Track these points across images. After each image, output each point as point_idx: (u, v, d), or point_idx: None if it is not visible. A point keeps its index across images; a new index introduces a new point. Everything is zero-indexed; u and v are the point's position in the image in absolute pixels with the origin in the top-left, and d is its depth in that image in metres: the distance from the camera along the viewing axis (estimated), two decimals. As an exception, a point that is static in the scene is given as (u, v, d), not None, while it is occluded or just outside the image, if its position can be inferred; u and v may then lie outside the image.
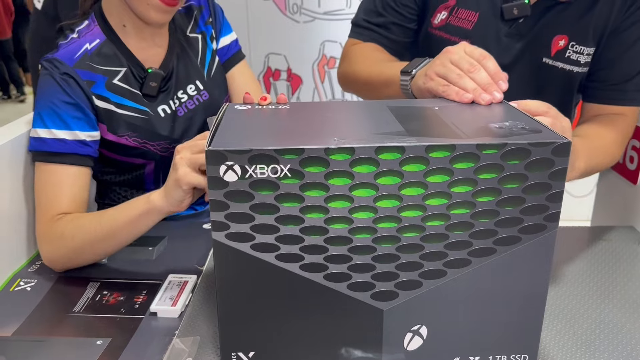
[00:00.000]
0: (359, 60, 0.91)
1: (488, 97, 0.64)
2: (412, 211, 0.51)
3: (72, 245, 0.75)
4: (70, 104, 0.80)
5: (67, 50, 0.82)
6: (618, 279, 0.75)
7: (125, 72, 0.85)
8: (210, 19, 0.96)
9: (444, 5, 0.90)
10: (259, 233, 0.51)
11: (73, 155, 0.79)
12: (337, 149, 0.49)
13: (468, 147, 0.49)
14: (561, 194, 0.52)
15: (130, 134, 0.85)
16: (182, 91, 0.90)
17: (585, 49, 0.87)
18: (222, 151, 0.49)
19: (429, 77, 0.69)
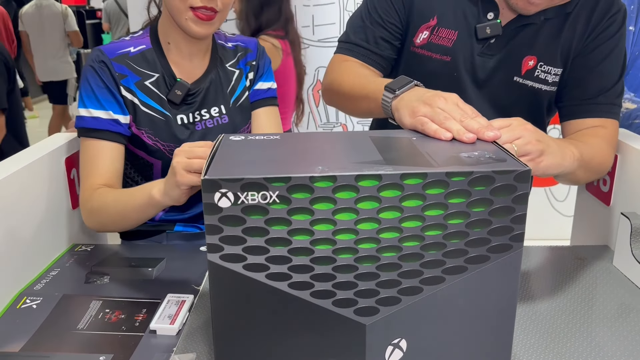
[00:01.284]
0: (343, 73, 0.96)
1: (472, 135, 0.65)
2: (390, 233, 0.56)
3: (100, 219, 0.90)
4: (103, 87, 0.92)
5: (113, 46, 0.95)
6: (591, 296, 0.79)
7: (158, 78, 0.96)
8: (254, 62, 1.06)
9: (425, 25, 0.96)
10: (250, 254, 0.56)
11: (107, 132, 0.92)
12: (320, 177, 0.54)
13: (438, 174, 0.55)
14: (524, 216, 0.57)
15: (147, 130, 0.95)
16: (206, 110, 1.00)
17: (553, 69, 0.93)
18: (217, 180, 0.54)
19: (414, 113, 0.71)
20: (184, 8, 0.90)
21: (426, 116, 0.69)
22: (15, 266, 0.83)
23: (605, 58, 0.91)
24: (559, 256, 0.91)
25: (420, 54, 0.97)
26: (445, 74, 0.95)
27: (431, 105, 0.70)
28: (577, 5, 0.92)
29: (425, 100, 0.71)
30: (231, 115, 1.02)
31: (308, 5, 2.42)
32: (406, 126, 0.72)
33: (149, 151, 0.97)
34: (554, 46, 0.92)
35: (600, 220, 0.96)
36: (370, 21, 0.98)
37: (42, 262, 0.91)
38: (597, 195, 0.97)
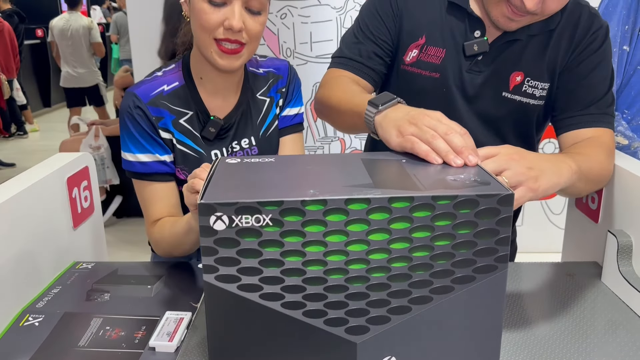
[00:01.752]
0: (333, 87, 0.98)
1: (460, 161, 0.66)
2: (379, 254, 0.58)
3: (164, 248, 0.97)
4: (143, 132, 0.94)
5: (147, 87, 0.95)
6: (580, 313, 0.81)
7: (191, 116, 0.96)
8: (284, 89, 1.05)
9: (415, 44, 0.99)
10: (244, 275, 0.58)
11: (155, 175, 0.95)
12: (311, 201, 0.57)
13: (425, 198, 0.57)
14: (508, 238, 0.59)
15: (182, 167, 0.97)
16: (237, 142, 1.00)
17: (540, 84, 0.96)
18: (212, 204, 0.56)
19: (402, 133, 0.72)
20: (209, 41, 0.88)
21: (414, 135, 0.70)
22: (18, 284, 0.86)
23: (593, 70, 0.94)
24: (549, 273, 0.92)
25: (411, 71, 1.00)
26: (435, 90, 0.98)
27: (417, 124, 0.71)
28: (560, 22, 0.95)
29: (410, 120, 0.72)
30: (261, 145, 1.02)
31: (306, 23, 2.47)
32: (393, 146, 0.73)
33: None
34: (540, 62, 0.95)
35: (590, 237, 0.98)
36: (363, 37, 1.01)
37: (44, 280, 0.93)
38: (586, 213, 0.99)
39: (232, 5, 0.86)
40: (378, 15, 1.00)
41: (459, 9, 0.96)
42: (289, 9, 2.46)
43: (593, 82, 0.95)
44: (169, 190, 0.97)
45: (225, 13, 0.86)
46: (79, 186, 1.04)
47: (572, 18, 0.95)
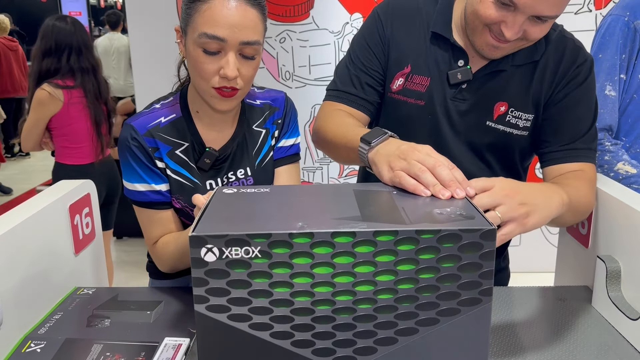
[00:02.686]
0: (328, 121, 1.01)
1: (447, 194, 0.68)
2: (365, 286, 0.60)
3: (168, 262, 1.00)
4: (140, 162, 0.97)
5: (144, 119, 0.98)
6: (571, 337, 0.82)
7: (187, 147, 0.99)
8: (280, 120, 1.06)
9: (400, 73, 1.02)
10: (234, 305, 0.60)
11: (152, 203, 0.99)
12: (299, 234, 0.59)
13: (409, 232, 0.59)
14: (492, 272, 0.60)
15: (178, 196, 0.99)
16: (233, 172, 1.02)
17: (524, 114, 0.98)
18: (203, 236, 0.59)
19: (392, 168, 0.74)
20: (207, 87, 0.91)
21: (403, 170, 0.72)
22: (21, 310, 0.88)
23: (577, 105, 0.96)
24: (541, 297, 0.94)
25: (397, 99, 1.03)
26: (421, 117, 1.01)
27: (406, 158, 0.73)
28: (544, 54, 0.97)
29: (400, 155, 0.75)
30: (256, 176, 1.04)
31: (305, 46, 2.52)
32: (385, 180, 0.76)
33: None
34: (524, 93, 0.97)
35: (581, 262, 0.99)
36: (355, 69, 1.04)
37: (45, 306, 0.95)
38: (577, 238, 1.00)
39: (227, 54, 0.88)
40: (368, 47, 1.03)
41: (442, 39, 0.99)
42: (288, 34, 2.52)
43: (577, 117, 0.97)
44: (166, 217, 1.00)
45: (220, 62, 0.88)
46: (80, 213, 1.07)
47: (556, 50, 0.97)
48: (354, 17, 2.50)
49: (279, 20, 2.51)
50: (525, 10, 0.84)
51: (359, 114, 1.04)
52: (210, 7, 0.86)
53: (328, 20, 2.51)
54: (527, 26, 0.87)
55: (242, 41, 0.87)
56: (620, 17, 1.18)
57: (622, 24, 1.17)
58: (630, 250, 0.84)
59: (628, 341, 0.81)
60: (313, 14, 2.50)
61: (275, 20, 2.52)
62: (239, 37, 0.87)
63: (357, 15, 2.49)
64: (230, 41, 0.87)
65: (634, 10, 1.17)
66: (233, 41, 0.87)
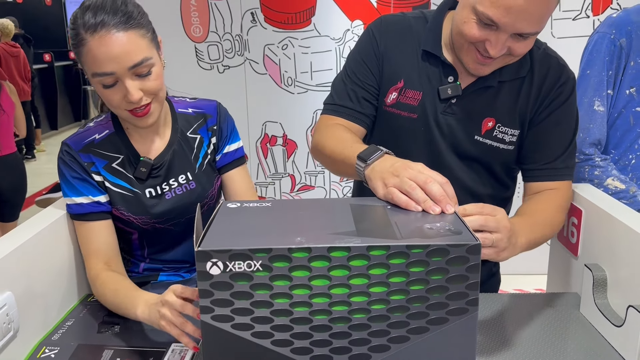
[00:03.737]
0: (326, 136, 1.04)
1: (438, 209, 0.72)
2: (359, 297, 0.64)
3: (102, 300, 1.00)
4: (77, 177, 1.01)
5: (79, 137, 1.03)
6: (559, 343, 0.86)
7: (123, 159, 1.04)
8: (215, 127, 1.11)
9: (394, 87, 1.06)
10: (237, 315, 0.65)
11: (91, 214, 1.02)
12: (297, 249, 0.63)
13: (400, 247, 0.63)
14: (477, 283, 0.64)
15: (119, 207, 1.04)
16: (174, 179, 1.07)
17: (510, 130, 1.02)
18: (209, 251, 0.63)
19: (385, 185, 0.78)
20: (122, 113, 0.96)
21: (395, 187, 0.76)
22: (36, 318, 0.92)
23: (558, 124, 1.01)
24: (532, 304, 0.97)
25: (391, 112, 1.07)
26: (414, 129, 1.05)
27: (399, 175, 0.77)
28: (530, 70, 1.01)
29: (393, 172, 0.78)
30: (198, 179, 1.09)
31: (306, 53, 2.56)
32: (379, 196, 0.79)
33: (125, 223, 1.06)
34: (511, 109, 1.02)
35: (570, 269, 1.02)
36: (351, 83, 1.08)
37: (58, 313, 1.00)
38: (567, 246, 1.04)
39: (124, 82, 0.91)
40: (363, 62, 1.08)
41: (432, 56, 1.03)
42: (290, 40, 2.56)
43: (558, 137, 1.01)
44: (105, 228, 1.03)
45: (121, 91, 0.92)
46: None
47: (541, 68, 1.01)
48: (354, 24, 2.54)
49: (281, 27, 2.55)
50: (507, 29, 0.88)
51: (356, 127, 1.07)
52: (89, 49, 0.89)
53: (329, 27, 2.55)
54: (510, 43, 0.91)
55: (129, 67, 0.90)
56: (606, 34, 1.21)
57: (608, 41, 1.20)
58: (616, 260, 0.88)
59: (613, 347, 0.84)
60: (315, 21, 2.54)
61: (277, 27, 2.56)
62: (125, 64, 0.90)
63: (358, 22, 2.53)
64: (119, 71, 0.90)
65: (619, 29, 1.20)
66: (122, 70, 0.90)
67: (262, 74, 2.56)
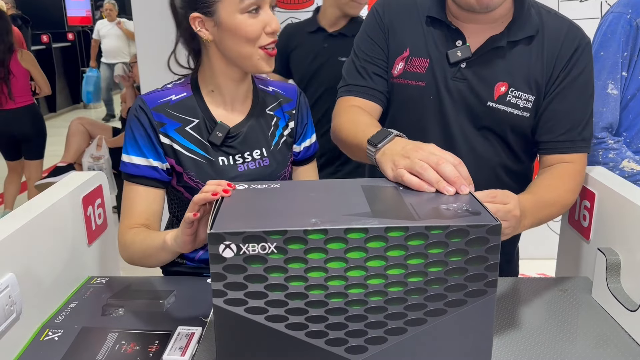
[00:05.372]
0: (342, 120, 1.03)
1: (452, 190, 0.71)
2: (376, 279, 0.63)
3: (129, 254, 0.98)
4: (144, 136, 0.99)
5: (155, 95, 1.01)
6: (571, 327, 0.85)
7: (198, 123, 1.01)
8: (294, 111, 1.10)
9: (400, 57, 1.05)
10: (251, 299, 0.63)
11: (144, 178, 1.00)
12: (313, 230, 0.61)
13: (419, 228, 0.61)
14: (496, 264, 0.63)
15: (189, 171, 1.01)
16: (249, 153, 1.04)
17: (523, 94, 1.00)
18: (221, 233, 0.61)
19: (396, 167, 0.76)
20: (254, 50, 0.95)
21: (406, 168, 0.74)
22: (38, 299, 0.91)
23: (575, 95, 0.98)
24: (543, 288, 0.96)
25: (398, 82, 1.05)
26: (423, 98, 1.03)
27: (410, 157, 0.75)
28: (541, 30, 0.99)
29: (404, 154, 0.77)
30: (272, 157, 1.06)
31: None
32: (390, 179, 0.78)
33: (191, 191, 1.03)
34: (523, 73, 0.99)
35: (582, 253, 1.01)
36: (360, 61, 1.07)
37: (61, 295, 0.98)
38: (578, 230, 1.03)
39: (265, 11, 0.94)
40: (369, 38, 1.07)
41: (438, 22, 1.02)
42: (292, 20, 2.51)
43: (575, 108, 0.99)
44: (153, 195, 1.00)
45: (263, 20, 0.94)
46: (93, 204, 1.09)
47: (553, 30, 0.99)
48: (357, 4, 2.49)
49: (283, 7, 2.50)
50: None
51: (370, 105, 1.06)
52: None
53: (331, 7, 2.50)
54: None
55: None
56: (622, 14, 1.18)
57: (625, 21, 1.17)
58: (630, 243, 0.87)
59: (626, 332, 0.84)
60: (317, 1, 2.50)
61: (279, 7, 2.51)
62: None
63: (361, 2, 2.49)
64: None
65: (636, 8, 1.17)
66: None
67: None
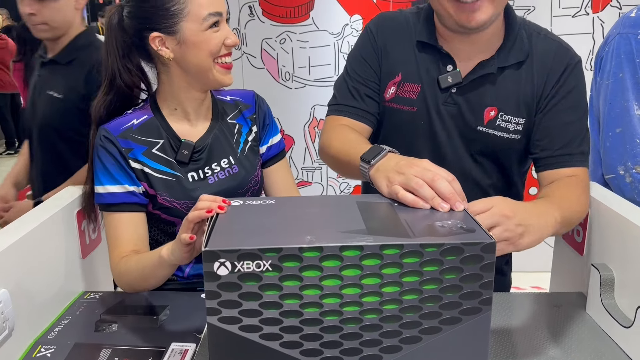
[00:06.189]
0: (332, 137, 1.04)
1: (447, 207, 0.71)
2: (371, 297, 0.63)
3: (127, 281, 0.99)
4: (114, 163, 1.00)
5: (117, 122, 1.02)
6: (565, 344, 0.85)
7: (163, 144, 1.03)
8: (254, 115, 1.13)
9: (392, 82, 1.06)
10: (245, 317, 0.63)
11: (123, 204, 1.00)
12: (309, 248, 0.61)
13: (414, 246, 0.61)
14: (491, 282, 0.63)
15: (162, 192, 1.02)
16: (216, 163, 1.06)
17: (513, 118, 1.01)
18: (216, 251, 0.61)
19: (391, 182, 0.76)
20: (212, 64, 0.99)
21: (401, 185, 0.74)
22: (31, 315, 0.90)
23: (569, 110, 0.99)
24: (537, 303, 0.96)
25: (390, 107, 1.06)
26: (414, 123, 1.05)
27: (404, 173, 0.75)
28: (530, 55, 1.00)
29: (398, 170, 0.76)
30: (241, 163, 1.08)
31: (304, 47, 2.54)
32: (385, 195, 0.78)
33: (168, 211, 1.04)
34: (513, 97, 1.00)
35: (575, 269, 1.02)
36: (352, 81, 1.08)
37: (54, 310, 0.97)
38: (572, 245, 1.03)
39: (223, 23, 1.00)
40: (363, 59, 1.08)
41: (429, 46, 1.03)
42: (288, 34, 2.53)
43: (569, 122, 0.99)
44: (136, 220, 1.01)
45: (222, 33, 0.99)
46: (87, 218, 1.08)
47: (543, 52, 1.00)
48: (353, 18, 2.51)
49: (279, 21, 2.52)
50: None
51: (360, 125, 1.06)
52: None
53: (328, 21, 2.53)
54: None
55: (226, 10, 1.01)
56: (630, 35, 1.17)
57: (637, 42, 1.16)
58: (624, 260, 0.87)
59: (621, 348, 0.84)
60: (313, 16, 2.52)
61: (275, 21, 2.53)
62: (223, 7, 1.00)
63: (357, 17, 2.51)
64: (223, 13, 1.00)
65: None
66: (223, 12, 1.00)
67: (259, 69, 2.53)
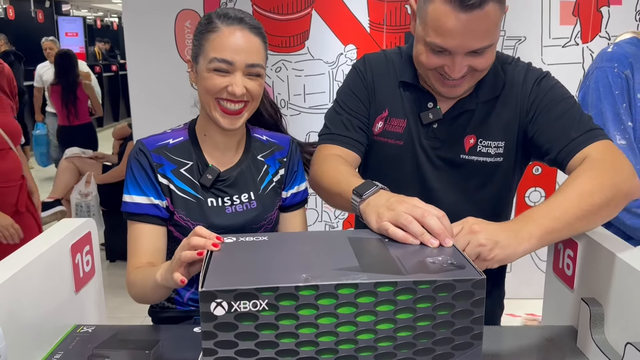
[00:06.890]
0: (324, 168, 1.07)
1: (437, 243, 0.73)
2: (366, 335, 0.64)
3: (133, 294, 1.05)
4: (144, 176, 1.06)
5: (154, 138, 1.09)
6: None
7: (192, 165, 1.09)
8: (285, 159, 1.16)
9: (380, 117, 1.11)
10: (241, 357, 0.63)
11: (146, 216, 1.06)
12: (304, 287, 0.62)
13: (407, 283, 0.63)
14: (482, 317, 0.64)
15: (180, 210, 1.07)
16: (237, 196, 1.10)
17: (493, 142, 1.06)
18: (213, 291, 0.62)
19: (381, 218, 0.78)
20: (213, 102, 1.02)
21: (391, 221, 0.76)
22: (24, 351, 0.89)
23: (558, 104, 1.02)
24: (528, 337, 0.97)
25: (378, 140, 1.11)
26: (401, 155, 1.09)
27: (395, 209, 0.77)
28: (504, 87, 1.06)
29: (389, 206, 0.79)
30: (260, 201, 1.12)
31: (300, 76, 2.58)
32: (374, 230, 0.80)
33: (181, 229, 1.08)
34: (492, 124, 1.06)
35: (566, 302, 1.03)
36: (344, 114, 1.13)
37: (47, 345, 0.96)
38: (562, 278, 1.04)
39: (235, 75, 1.00)
40: (353, 94, 1.13)
41: (411, 85, 1.09)
42: (283, 63, 2.57)
43: (562, 113, 1.01)
44: (156, 233, 1.06)
45: (229, 80, 1.00)
46: (81, 251, 1.08)
47: (516, 78, 1.06)
48: (347, 48, 2.57)
49: (275, 50, 2.56)
50: (458, 50, 0.93)
51: (351, 155, 1.10)
52: (218, 36, 1.00)
53: (323, 51, 2.57)
54: (469, 61, 0.95)
55: (247, 64, 1.00)
56: (608, 68, 1.22)
57: (613, 75, 1.20)
58: (613, 295, 0.88)
59: (612, 381, 0.84)
60: (308, 45, 2.56)
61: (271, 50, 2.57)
62: (245, 59, 1.00)
63: (351, 46, 2.56)
64: (237, 63, 1.00)
65: (620, 62, 1.22)
66: (240, 63, 1.00)
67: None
